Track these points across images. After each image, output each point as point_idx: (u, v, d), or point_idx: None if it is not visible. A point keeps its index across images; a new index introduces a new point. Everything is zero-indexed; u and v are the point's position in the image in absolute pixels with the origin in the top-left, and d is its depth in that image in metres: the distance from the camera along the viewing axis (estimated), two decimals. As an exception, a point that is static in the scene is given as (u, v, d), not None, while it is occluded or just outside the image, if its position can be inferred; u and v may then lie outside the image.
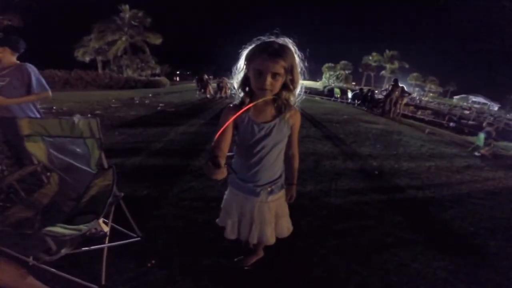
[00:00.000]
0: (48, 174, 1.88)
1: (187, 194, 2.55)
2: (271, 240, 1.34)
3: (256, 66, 0.99)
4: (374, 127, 7.00)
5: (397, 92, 10.13)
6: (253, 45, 1.03)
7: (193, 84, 16.85)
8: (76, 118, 1.62)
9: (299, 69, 1.07)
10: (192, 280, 1.57)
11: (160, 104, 9.03)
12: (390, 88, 10.54)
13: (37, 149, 1.77)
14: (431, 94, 58.65)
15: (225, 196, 1.40)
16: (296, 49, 1.05)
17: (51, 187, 1.83)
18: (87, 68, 19.17)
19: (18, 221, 1.51)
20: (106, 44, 24.67)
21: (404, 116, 12.16)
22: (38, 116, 2.34)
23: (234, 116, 0.99)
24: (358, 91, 16.44)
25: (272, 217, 1.32)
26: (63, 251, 1.24)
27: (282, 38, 1.02)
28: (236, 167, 1.27)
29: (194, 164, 3.33)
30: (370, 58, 55.08)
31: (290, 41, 1.04)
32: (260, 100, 1.04)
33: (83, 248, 1.50)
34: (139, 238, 1.85)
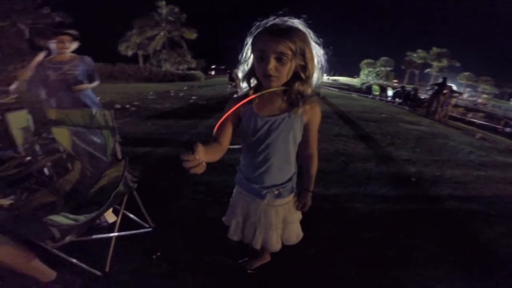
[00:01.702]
0: (72, 162, 1.94)
1: (203, 188, 2.50)
2: (276, 246, 1.21)
3: (258, 48, 0.85)
4: (416, 129, 6.41)
5: (445, 91, 9.24)
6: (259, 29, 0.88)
7: (226, 78, 17.05)
8: (94, 109, 1.64)
9: (315, 56, 0.90)
10: (192, 276, 1.53)
11: (193, 97, 9.24)
12: (436, 87, 9.63)
13: (62, 138, 1.82)
14: (484, 96, 52.98)
15: (233, 194, 1.29)
16: (311, 32, 0.88)
17: (74, 175, 1.87)
18: (129, 62, 20.40)
19: (39, 206, 1.55)
20: (147, 39, 25.99)
21: (452, 118, 11.04)
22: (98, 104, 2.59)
23: (233, 108, 0.89)
24: (400, 89, 15.32)
25: (279, 222, 1.18)
26: (68, 239, 1.24)
27: (290, 20, 0.86)
28: (242, 166, 1.15)
29: (216, 158, 3.28)
30: (415, 55, 51.36)
31: (301, 22, 0.87)
32: (265, 91, 0.90)
33: (93, 236, 1.51)
34: (150, 229, 1.83)
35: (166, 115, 6.03)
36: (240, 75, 0.99)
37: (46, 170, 2.09)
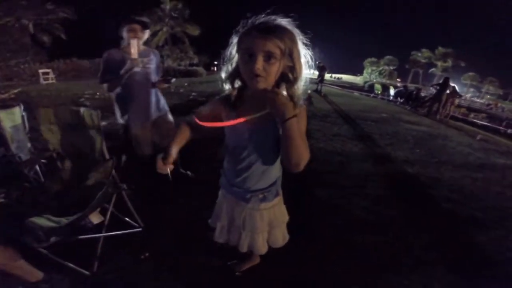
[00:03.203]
0: (62, 161, 1.93)
1: (197, 186, 2.49)
2: (262, 249, 1.20)
3: (244, 47, 0.82)
4: (415, 129, 6.35)
5: (448, 91, 9.16)
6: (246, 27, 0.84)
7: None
8: (82, 109, 1.62)
9: (302, 57, 0.86)
10: (180, 277, 1.53)
11: (193, 93, 9.21)
12: (438, 87, 9.56)
13: (52, 136, 1.81)
14: (488, 96, 52.52)
15: (218, 197, 1.28)
16: (299, 32, 0.85)
17: (64, 174, 1.87)
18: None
19: (29, 206, 1.53)
20: (149, 35, 25.92)
21: (454, 118, 10.95)
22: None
23: (224, 123, 0.96)
24: (402, 88, 15.23)
25: (264, 226, 1.16)
26: (52, 240, 1.23)
27: (278, 18, 0.82)
28: (225, 169, 1.13)
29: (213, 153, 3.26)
30: (420, 54, 51.04)
31: (290, 21, 0.83)
32: (258, 114, 0.86)
33: (81, 236, 1.50)
34: (140, 229, 1.83)
35: (165, 111, 6.03)
36: (223, 76, 0.96)
37: (38, 168, 2.08)
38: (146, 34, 2.13)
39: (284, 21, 0.83)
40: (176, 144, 1.02)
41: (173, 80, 2.31)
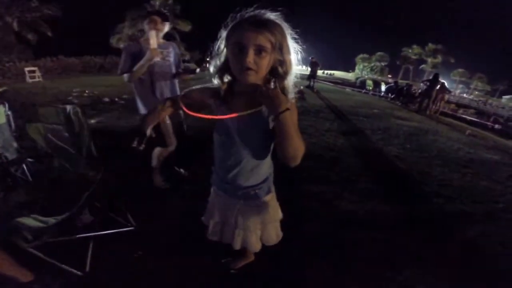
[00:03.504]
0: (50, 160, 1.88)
1: (189, 182, 2.47)
2: (256, 246, 1.20)
3: (235, 40, 0.80)
4: (406, 124, 6.42)
5: (438, 87, 9.31)
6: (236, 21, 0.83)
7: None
8: (68, 107, 1.58)
9: (291, 51, 0.86)
10: (174, 276, 1.51)
11: (184, 90, 9.08)
12: (428, 84, 9.70)
13: (37, 135, 1.76)
14: (476, 92, 53.67)
15: (210, 194, 1.27)
16: (288, 26, 0.84)
17: (52, 173, 1.82)
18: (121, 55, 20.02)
19: (16, 205, 1.50)
20: (139, 32, 25.35)
21: (443, 114, 11.14)
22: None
23: (214, 117, 0.93)
24: (392, 84, 15.40)
25: (257, 223, 1.16)
26: (41, 240, 1.21)
27: (268, 12, 0.81)
28: (216, 166, 1.12)
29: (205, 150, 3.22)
30: (410, 51, 51.76)
31: (279, 15, 0.82)
32: (251, 111, 0.85)
33: (72, 236, 1.49)
34: (132, 228, 1.80)
35: (155, 108, 5.96)
36: (212, 70, 0.94)
37: (25, 167, 2.03)
38: (166, 27, 2.13)
39: (273, 15, 0.82)
40: (153, 123, 1.02)
41: (198, 70, 2.36)
